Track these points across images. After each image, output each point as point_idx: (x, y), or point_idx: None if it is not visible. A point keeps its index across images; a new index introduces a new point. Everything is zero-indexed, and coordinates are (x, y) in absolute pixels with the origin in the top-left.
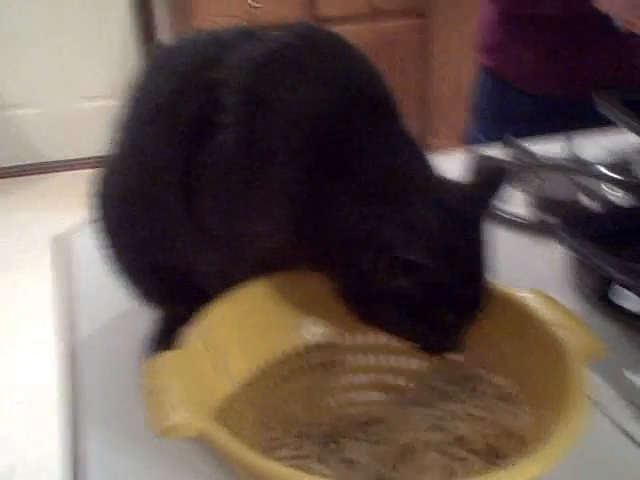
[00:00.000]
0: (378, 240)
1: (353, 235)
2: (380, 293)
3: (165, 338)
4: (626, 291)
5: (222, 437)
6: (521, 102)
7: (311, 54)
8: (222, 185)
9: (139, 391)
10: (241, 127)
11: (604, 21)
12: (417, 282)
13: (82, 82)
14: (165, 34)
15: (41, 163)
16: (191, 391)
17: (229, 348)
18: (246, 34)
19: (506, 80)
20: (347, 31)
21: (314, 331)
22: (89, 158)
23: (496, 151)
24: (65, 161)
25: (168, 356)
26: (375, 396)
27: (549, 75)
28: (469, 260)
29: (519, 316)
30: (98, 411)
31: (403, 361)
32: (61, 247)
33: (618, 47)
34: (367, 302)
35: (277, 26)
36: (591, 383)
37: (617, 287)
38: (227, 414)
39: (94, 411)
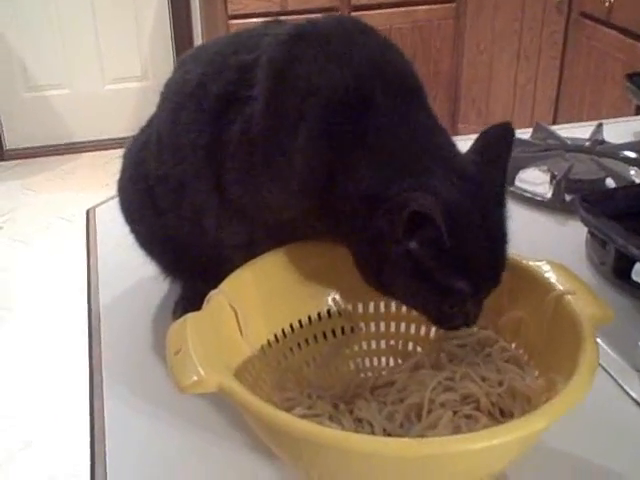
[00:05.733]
0: (395, 197)
1: (372, 196)
2: (395, 258)
3: (187, 308)
4: None
5: (241, 392)
6: None
7: (336, 33)
8: (246, 156)
9: (157, 353)
10: (266, 98)
11: None
12: (432, 243)
13: (115, 64)
14: (200, 20)
15: (73, 143)
16: (213, 351)
17: (251, 313)
18: (276, 23)
19: None
20: (381, 17)
21: (330, 300)
22: (119, 139)
23: (526, 135)
24: (95, 141)
25: (193, 318)
26: (388, 361)
27: None
28: (487, 230)
29: (530, 283)
30: (118, 373)
31: (415, 328)
32: (92, 219)
33: None
34: (381, 269)
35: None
36: (605, 354)
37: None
38: (246, 374)
39: (114, 373)
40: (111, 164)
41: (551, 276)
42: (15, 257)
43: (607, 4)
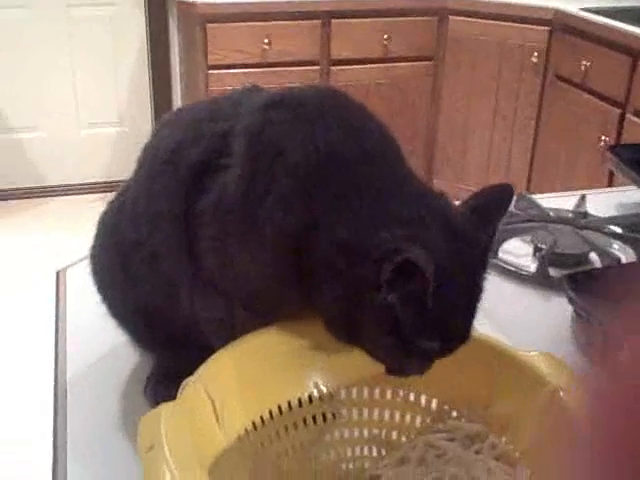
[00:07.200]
0: (386, 243)
1: (355, 244)
2: (370, 308)
3: (159, 386)
4: None
5: None
6: None
7: (311, 100)
8: (221, 225)
9: (126, 432)
10: (242, 166)
11: None
12: (412, 299)
13: (91, 109)
14: (179, 69)
15: (45, 187)
16: (188, 445)
17: (229, 400)
18: (254, 90)
19: None
20: (360, 72)
21: (312, 384)
22: (93, 184)
23: None
24: (69, 185)
25: (167, 409)
26: (370, 451)
27: None
28: (468, 292)
29: (521, 375)
30: (84, 449)
31: (399, 416)
32: (63, 280)
33: None
34: (353, 317)
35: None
36: None
37: None
38: (223, 466)
39: (80, 449)
40: (83, 209)
41: (544, 369)
42: None
43: (583, 67)
